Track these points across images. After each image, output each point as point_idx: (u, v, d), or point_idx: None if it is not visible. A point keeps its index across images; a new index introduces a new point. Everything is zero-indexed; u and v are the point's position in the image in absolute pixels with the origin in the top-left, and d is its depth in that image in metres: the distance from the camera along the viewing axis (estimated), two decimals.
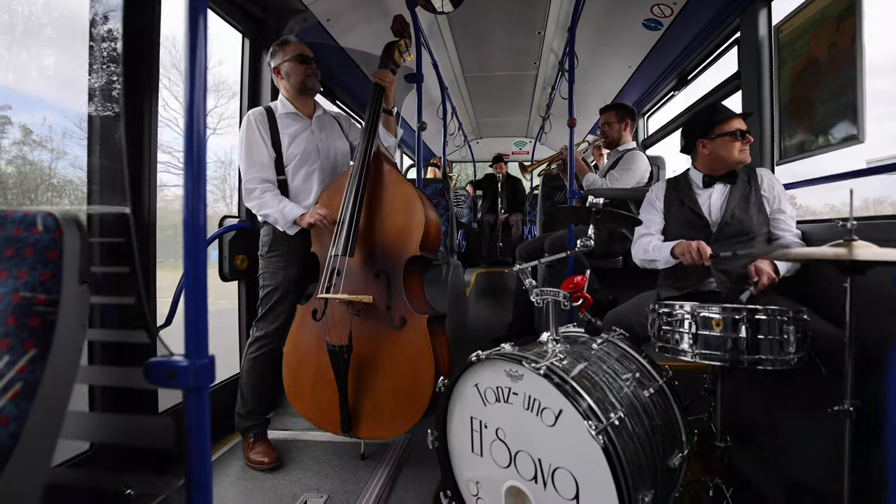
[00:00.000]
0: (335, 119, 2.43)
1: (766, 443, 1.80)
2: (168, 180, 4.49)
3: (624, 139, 3.21)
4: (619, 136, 3.21)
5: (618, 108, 3.23)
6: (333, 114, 2.44)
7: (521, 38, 4.13)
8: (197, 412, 0.75)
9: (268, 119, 2.19)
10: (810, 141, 2.19)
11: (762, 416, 1.84)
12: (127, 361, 1.70)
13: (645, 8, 3.15)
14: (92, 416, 1.53)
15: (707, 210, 2.06)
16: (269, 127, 2.18)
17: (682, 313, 1.50)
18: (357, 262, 2.09)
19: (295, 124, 2.24)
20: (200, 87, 0.74)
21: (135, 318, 1.55)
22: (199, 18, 0.74)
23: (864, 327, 1.32)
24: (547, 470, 1.33)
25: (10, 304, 0.63)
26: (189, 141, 0.73)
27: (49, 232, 0.66)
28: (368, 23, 3.27)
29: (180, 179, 0.74)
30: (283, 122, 2.21)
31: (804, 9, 2.21)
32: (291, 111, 2.24)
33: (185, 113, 0.73)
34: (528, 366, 1.31)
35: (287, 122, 2.22)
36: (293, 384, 2.15)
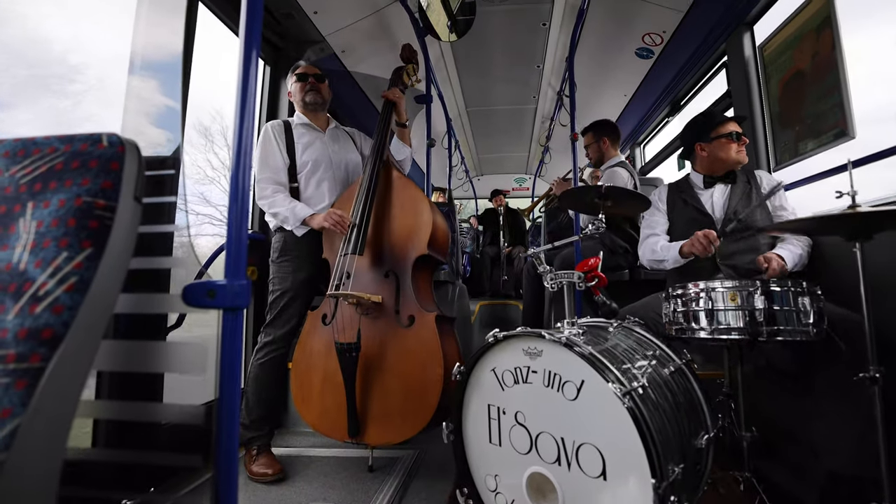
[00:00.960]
0: (349, 134, 2.53)
1: (794, 435, 1.76)
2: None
3: (609, 155, 3.21)
4: (601, 153, 3.21)
5: (592, 129, 3.25)
6: (347, 129, 2.54)
7: (521, 72, 4.31)
8: (232, 332, 0.77)
9: (284, 129, 2.30)
10: (804, 143, 2.27)
11: (787, 410, 1.80)
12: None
13: (636, 38, 3.32)
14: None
15: (710, 208, 2.10)
16: (286, 136, 2.29)
17: (697, 291, 1.50)
18: (367, 263, 2.10)
19: (309, 134, 2.35)
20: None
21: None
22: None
23: (881, 310, 1.33)
24: (571, 449, 1.29)
25: (72, 206, 0.66)
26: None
27: (113, 147, 0.70)
28: (380, 55, 3.45)
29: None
30: (297, 132, 2.32)
31: (785, 27, 2.36)
32: (306, 122, 2.36)
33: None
34: (548, 337, 1.31)
35: (302, 131, 2.33)
36: (301, 390, 2.10)
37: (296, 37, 2.98)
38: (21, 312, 0.60)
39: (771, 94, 2.52)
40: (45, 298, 0.61)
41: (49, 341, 0.59)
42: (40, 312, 0.60)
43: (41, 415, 0.56)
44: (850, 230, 1.35)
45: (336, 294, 2.00)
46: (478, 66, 4.21)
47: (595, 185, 1.64)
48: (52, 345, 0.59)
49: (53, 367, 0.58)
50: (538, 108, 5.07)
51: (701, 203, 2.12)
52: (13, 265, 0.64)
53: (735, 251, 1.98)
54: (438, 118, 4.43)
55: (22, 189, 0.68)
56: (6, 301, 0.61)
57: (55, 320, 0.60)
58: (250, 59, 0.82)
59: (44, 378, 0.58)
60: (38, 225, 0.65)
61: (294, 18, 2.82)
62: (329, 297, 2.07)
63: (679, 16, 2.92)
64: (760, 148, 2.58)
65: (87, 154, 0.68)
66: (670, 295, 1.62)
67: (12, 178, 0.69)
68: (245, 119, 0.80)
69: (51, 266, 0.62)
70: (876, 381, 1.28)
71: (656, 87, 3.82)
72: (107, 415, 1.56)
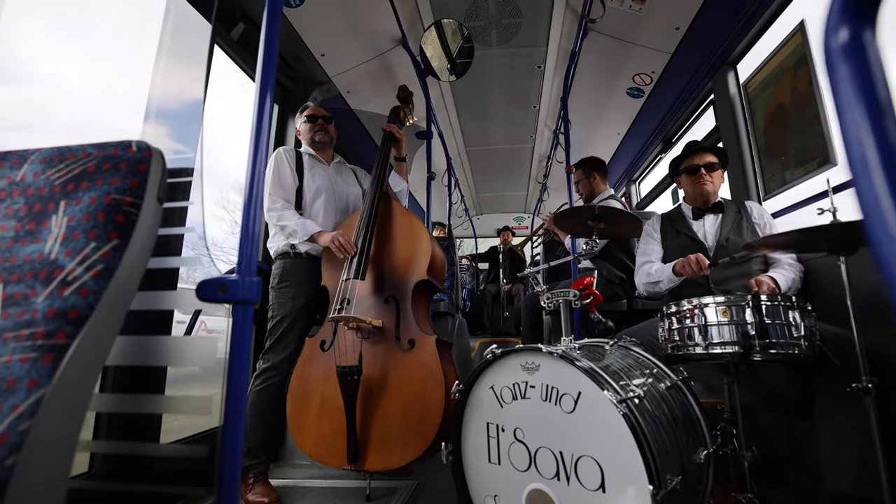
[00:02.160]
0: (352, 169, 2.66)
1: (796, 456, 1.76)
2: None
3: (598, 190, 3.29)
4: (592, 188, 3.29)
5: (582, 165, 3.34)
6: (350, 166, 2.68)
7: (518, 112, 4.47)
8: (241, 326, 0.81)
9: (295, 155, 2.44)
10: (790, 172, 2.35)
11: (788, 432, 1.81)
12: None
13: (627, 78, 3.48)
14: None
15: (703, 236, 2.16)
16: (296, 161, 2.41)
17: (690, 308, 1.54)
18: (367, 289, 2.15)
19: (316, 165, 2.47)
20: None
21: None
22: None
23: (870, 326, 1.36)
24: (569, 462, 1.30)
25: (102, 203, 0.72)
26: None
27: (141, 151, 0.77)
28: (382, 95, 3.61)
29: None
30: (307, 160, 2.45)
31: (764, 66, 2.51)
32: (313, 154, 2.49)
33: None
34: (546, 350, 1.34)
35: (310, 161, 2.46)
36: (297, 417, 2.09)
37: (304, 78, 3.15)
38: (51, 295, 0.65)
39: (756, 128, 2.64)
40: (73, 283, 0.66)
41: (75, 321, 0.64)
42: (68, 295, 0.65)
43: (64, 386, 0.61)
44: (833, 243, 1.40)
45: (338, 318, 2.03)
46: (476, 106, 4.37)
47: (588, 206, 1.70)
48: (77, 324, 0.64)
49: (78, 343, 0.63)
50: (535, 147, 5.22)
51: (693, 231, 2.18)
52: (44, 255, 0.69)
53: (728, 277, 2.02)
54: (439, 156, 4.57)
55: (56, 189, 0.74)
56: (37, 286, 0.67)
57: (81, 302, 0.65)
58: (265, 101, 0.91)
59: (69, 353, 0.62)
60: (70, 220, 0.71)
61: (303, 61, 2.98)
62: (330, 320, 2.10)
63: (666, 57, 3.07)
64: (749, 178, 2.66)
65: (118, 158, 0.75)
66: (665, 314, 1.65)
67: (48, 179, 0.76)
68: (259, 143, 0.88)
69: (80, 255, 0.68)
70: (869, 391, 1.30)
71: (648, 124, 3.96)
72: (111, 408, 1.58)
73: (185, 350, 0.94)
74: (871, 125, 0.36)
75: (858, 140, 0.36)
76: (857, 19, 0.38)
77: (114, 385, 1.73)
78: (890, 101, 0.36)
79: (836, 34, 0.38)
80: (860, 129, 0.36)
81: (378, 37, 3.12)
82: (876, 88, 0.37)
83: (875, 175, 0.35)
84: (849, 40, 0.38)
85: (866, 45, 0.37)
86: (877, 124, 0.36)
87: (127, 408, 1.46)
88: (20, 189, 0.76)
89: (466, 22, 3.11)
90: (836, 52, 0.38)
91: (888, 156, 0.35)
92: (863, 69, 0.37)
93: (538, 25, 3.23)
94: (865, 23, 0.38)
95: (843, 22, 0.38)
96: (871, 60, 0.37)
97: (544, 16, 3.14)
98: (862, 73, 0.37)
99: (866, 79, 0.37)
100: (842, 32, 0.38)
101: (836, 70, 0.38)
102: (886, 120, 0.36)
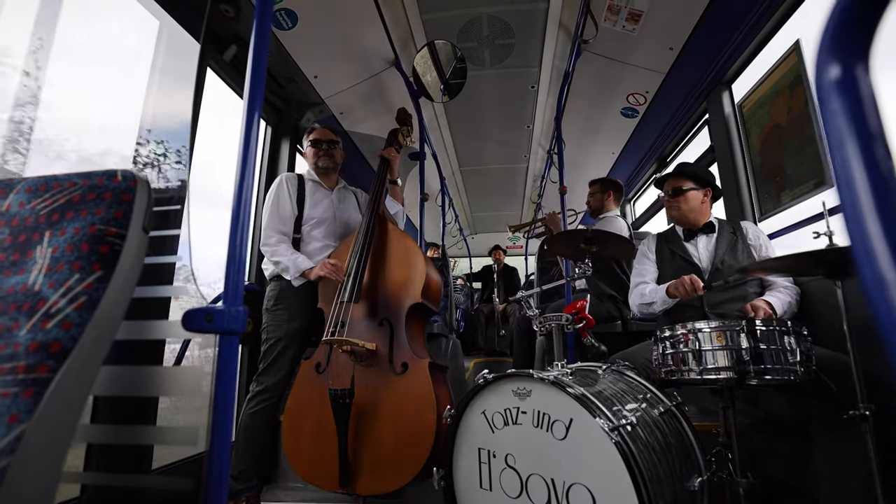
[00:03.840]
0: (353, 193, 2.67)
1: (793, 483, 1.74)
2: None
3: (607, 208, 3.33)
4: (602, 205, 3.34)
5: (602, 181, 3.41)
6: (353, 189, 2.69)
7: (512, 132, 4.49)
8: (227, 356, 0.81)
9: (297, 182, 2.44)
10: (785, 194, 2.36)
11: (785, 458, 1.79)
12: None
13: (621, 98, 3.50)
14: None
15: (697, 258, 2.15)
16: (297, 189, 2.42)
17: (684, 332, 1.53)
18: (361, 311, 2.14)
19: (319, 192, 2.49)
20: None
21: None
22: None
23: (868, 352, 1.35)
24: (561, 490, 1.28)
25: (86, 233, 0.72)
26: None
27: (126, 181, 0.77)
28: (375, 117, 3.63)
29: None
30: (309, 188, 2.46)
31: (760, 85, 2.52)
32: (316, 180, 2.51)
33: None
34: (537, 376, 1.34)
35: (313, 188, 2.47)
36: (292, 439, 2.08)
37: (297, 99, 3.15)
38: (33, 328, 0.65)
39: (752, 148, 2.65)
40: (56, 315, 0.65)
41: (57, 354, 0.63)
42: (51, 328, 0.64)
43: (45, 421, 0.60)
44: (829, 268, 1.40)
45: (331, 340, 2.01)
46: (470, 127, 4.40)
47: (581, 230, 1.71)
48: (60, 357, 0.63)
49: (60, 377, 0.62)
50: (529, 167, 5.24)
51: (688, 253, 2.18)
52: (28, 286, 0.68)
53: (723, 300, 2.02)
54: (433, 176, 4.58)
55: (41, 220, 0.74)
56: (20, 319, 0.66)
57: (64, 335, 0.64)
58: (252, 124, 0.92)
59: (50, 388, 0.61)
60: (54, 251, 0.71)
61: (296, 82, 2.98)
62: (324, 343, 2.09)
63: (661, 77, 3.09)
64: (745, 199, 2.67)
65: (103, 187, 0.75)
66: (659, 338, 1.64)
67: (33, 209, 0.75)
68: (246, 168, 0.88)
69: (63, 286, 0.67)
70: (866, 418, 1.29)
71: (643, 144, 3.99)
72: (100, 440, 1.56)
73: (174, 380, 0.93)
74: (863, 161, 0.35)
75: (849, 176, 0.36)
76: (848, 55, 0.37)
77: (104, 415, 1.70)
78: (883, 137, 0.36)
79: (828, 69, 0.37)
80: (852, 164, 0.36)
81: (371, 58, 3.14)
82: (868, 124, 0.36)
83: (865, 210, 0.34)
84: (840, 76, 0.37)
85: (859, 81, 0.37)
86: (869, 160, 0.35)
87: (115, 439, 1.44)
88: (6, 219, 0.75)
89: (459, 43, 3.13)
90: (828, 87, 0.37)
91: (879, 192, 0.35)
92: (855, 105, 0.36)
93: (531, 46, 3.25)
94: (858, 58, 0.37)
95: (834, 57, 0.38)
96: (864, 95, 0.36)
97: (537, 36, 3.16)
98: (854, 108, 0.36)
99: (858, 114, 0.36)
100: (833, 68, 0.37)
101: (827, 105, 0.37)
102: (878, 155, 0.35)
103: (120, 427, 1.36)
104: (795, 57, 2.26)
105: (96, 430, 1.40)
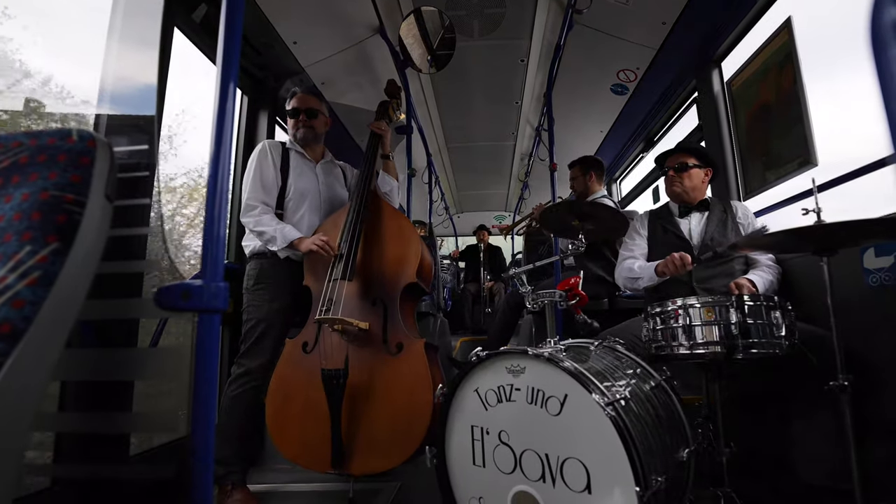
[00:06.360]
0: (341, 169, 2.54)
1: (772, 452, 1.78)
2: None
3: (592, 189, 3.28)
4: (587, 187, 3.29)
5: (580, 162, 3.34)
6: (340, 164, 2.55)
7: (500, 108, 4.39)
8: (208, 335, 0.75)
9: (281, 150, 2.30)
10: (771, 172, 2.36)
11: (765, 429, 1.83)
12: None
13: (611, 74, 3.43)
14: None
15: (688, 234, 2.16)
16: (282, 157, 2.29)
17: (675, 308, 1.53)
18: (354, 291, 2.09)
19: (302, 164, 2.35)
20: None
21: None
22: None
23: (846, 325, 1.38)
24: (555, 465, 1.29)
25: (36, 200, 0.64)
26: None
27: (83, 141, 0.69)
28: (360, 89, 3.50)
29: None
30: (293, 158, 2.32)
31: (750, 63, 2.49)
32: (300, 151, 2.36)
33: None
34: (532, 353, 1.32)
35: (297, 158, 2.34)
36: (278, 422, 2.02)
37: (275, 68, 2.98)
38: None
39: (739, 127, 2.63)
40: (4, 293, 0.59)
41: (8, 336, 0.57)
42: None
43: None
44: (817, 244, 1.41)
45: (324, 319, 1.96)
46: (458, 102, 4.29)
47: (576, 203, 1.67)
48: (11, 340, 0.57)
49: (12, 362, 0.56)
50: (517, 144, 5.16)
51: (680, 229, 2.19)
52: None
53: (711, 276, 2.04)
54: (419, 153, 4.49)
55: None
56: None
57: (15, 315, 0.58)
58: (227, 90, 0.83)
59: (1, 374, 0.55)
60: None
61: (274, 49, 2.81)
62: (316, 322, 2.03)
63: (652, 52, 3.04)
64: (731, 177, 2.66)
65: (55, 148, 0.68)
66: (649, 314, 1.64)
67: None
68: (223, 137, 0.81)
69: (12, 260, 0.61)
70: (845, 389, 1.32)
71: (631, 122, 3.95)
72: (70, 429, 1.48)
73: (152, 362, 0.87)
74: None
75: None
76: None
77: (75, 402, 1.57)
78: None
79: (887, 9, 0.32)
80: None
81: (354, 25, 2.99)
82: None
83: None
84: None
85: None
86: None
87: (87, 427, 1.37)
88: None
89: (448, 10, 3.00)
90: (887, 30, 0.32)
91: None
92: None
93: (523, 16, 3.15)
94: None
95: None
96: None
97: (529, 6, 3.05)
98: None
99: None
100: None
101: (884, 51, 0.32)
102: None
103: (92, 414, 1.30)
104: (787, 34, 2.22)
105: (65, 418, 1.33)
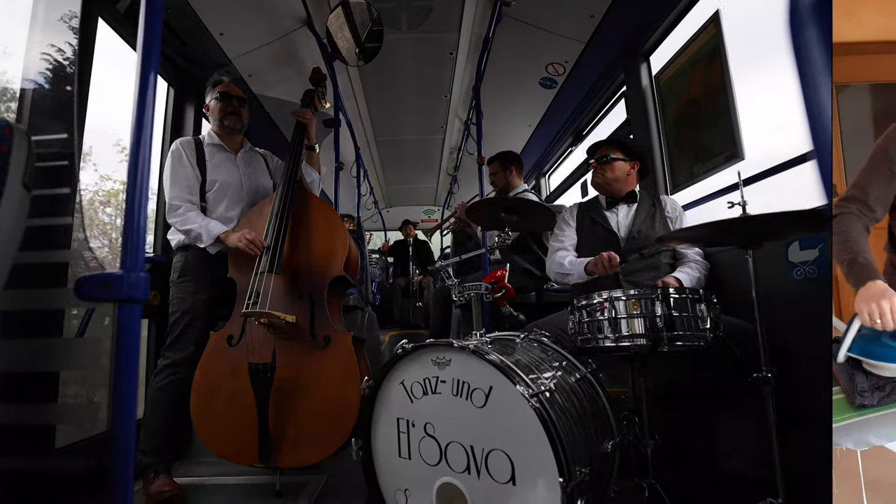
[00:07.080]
0: (262, 156, 2.45)
1: (697, 444, 1.84)
2: None
3: (514, 184, 3.30)
4: (507, 182, 3.31)
5: (500, 158, 3.35)
6: (261, 151, 2.47)
7: (429, 102, 4.36)
8: (129, 326, 0.74)
9: (195, 146, 2.21)
10: (698, 166, 2.44)
11: (689, 421, 1.88)
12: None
13: (540, 67, 3.48)
14: None
15: (616, 226, 2.21)
16: (196, 153, 2.19)
17: (600, 301, 1.55)
18: (281, 283, 2.04)
19: (220, 155, 2.26)
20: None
21: None
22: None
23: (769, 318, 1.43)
24: (480, 456, 1.30)
25: None
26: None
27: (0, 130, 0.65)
28: (287, 81, 3.40)
29: None
30: (209, 151, 2.23)
31: (679, 56, 2.56)
32: (217, 143, 2.26)
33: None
34: (457, 345, 1.33)
35: (213, 151, 2.24)
36: (203, 415, 1.97)
37: (201, 59, 2.87)
38: None
39: (667, 120, 2.71)
40: None
41: None
42: None
43: None
44: (742, 237, 1.45)
45: (251, 313, 1.91)
46: (386, 95, 4.23)
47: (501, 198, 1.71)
48: None
49: None
50: (446, 138, 5.15)
51: (608, 221, 2.23)
52: None
53: (637, 269, 2.09)
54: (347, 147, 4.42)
55: None
56: None
57: None
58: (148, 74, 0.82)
59: None
60: None
61: (200, 39, 2.72)
62: (242, 315, 1.97)
63: (580, 46, 3.09)
64: (658, 171, 2.74)
65: None
66: (575, 306, 1.66)
67: None
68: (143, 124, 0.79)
69: None
70: (768, 381, 1.37)
71: (560, 116, 4.01)
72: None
73: (74, 352, 0.83)
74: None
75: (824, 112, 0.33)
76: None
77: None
78: None
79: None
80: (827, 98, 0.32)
81: (282, 16, 2.92)
82: None
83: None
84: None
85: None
86: None
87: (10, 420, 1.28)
88: None
89: (376, 2, 2.93)
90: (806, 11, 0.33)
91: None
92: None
93: (451, 9, 3.12)
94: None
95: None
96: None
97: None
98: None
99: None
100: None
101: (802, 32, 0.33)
102: None
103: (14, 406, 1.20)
104: (714, 28, 2.26)
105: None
